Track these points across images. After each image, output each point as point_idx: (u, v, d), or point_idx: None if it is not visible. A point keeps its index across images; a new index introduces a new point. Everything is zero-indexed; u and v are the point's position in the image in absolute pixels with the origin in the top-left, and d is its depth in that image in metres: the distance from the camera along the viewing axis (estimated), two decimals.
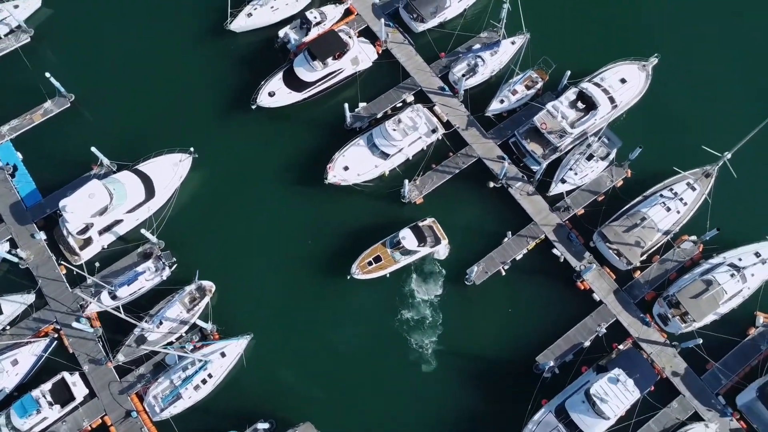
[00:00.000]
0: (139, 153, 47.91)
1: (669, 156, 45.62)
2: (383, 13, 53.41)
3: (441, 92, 50.57)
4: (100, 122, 50.14)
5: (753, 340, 43.18)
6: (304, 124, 50.12)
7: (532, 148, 47.37)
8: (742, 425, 41.14)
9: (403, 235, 43.53)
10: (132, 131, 49.56)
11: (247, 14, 52.49)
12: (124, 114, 50.29)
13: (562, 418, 39.62)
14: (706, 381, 42.24)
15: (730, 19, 51.91)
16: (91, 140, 47.33)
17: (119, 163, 47.68)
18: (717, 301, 42.21)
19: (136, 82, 51.38)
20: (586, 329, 43.44)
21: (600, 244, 45.14)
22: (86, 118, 50.85)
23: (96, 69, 51.86)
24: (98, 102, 50.74)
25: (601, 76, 48.92)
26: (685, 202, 45.35)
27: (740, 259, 43.88)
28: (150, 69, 51.77)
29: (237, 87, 51.06)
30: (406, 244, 43.24)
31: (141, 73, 51.68)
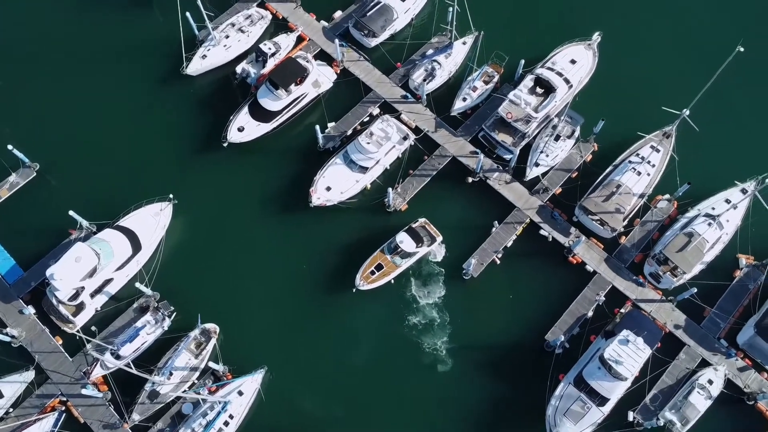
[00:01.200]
0: (117, 209, 47.33)
1: (631, 123, 47.99)
2: (334, 34, 54.63)
3: (404, 100, 51.93)
4: (71, 186, 49.34)
5: (740, 281, 45.51)
6: (278, 152, 50.59)
7: (501, 139, 49.06)
8: (747, 362, 43.14)
9: (401, 238, 44.35)
10: (105, 189, 48.99)
11: (202, 56, 52.88)
12: (94, 174, 49.67)
13: (582, 388, 40.79)
14: (706, 328, 44.18)
15: None
16: (63, 206, 46.54)
17: (98, 223, 46.98)
18: (701, 251, 44.39)
19: (101, 140, 50.93)
20: (587, 300, 44.93)
21: (582, 217, 46.94)
22: (55, 184, 49.96)
23: (57, 133, 51.19)
24: (65, 166, 50.00)
25: (552, 60, 51.21)
26: (653, 164, 47.70)
27: (713, 208, 46.32)
28: (113, 125, 51.44)
29: (205, 128, 51.23)
30: (404, 247, 44.04)
31: (104, 130, 51.28)
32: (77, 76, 53.28)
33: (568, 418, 40.41)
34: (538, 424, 41.36)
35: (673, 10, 54.78)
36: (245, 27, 53.88)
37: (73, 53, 54.06)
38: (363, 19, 53.29)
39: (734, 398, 42.34)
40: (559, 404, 41.06)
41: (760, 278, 45.39)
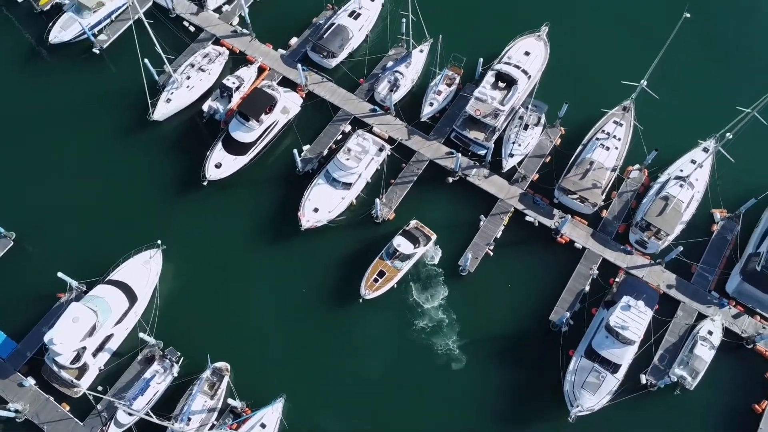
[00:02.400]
0: (106, 264, 46.66)
1: (594, 102, 50.42)
2: (294, 60, 55.56)
3: (373, 113, 53.11)
4: (52, 250, 48.29)
5: (719, 234, 48.00)
6: (259, 182, 50.89)
7: (473, 136, 50.67)
8: (739, 309, 45.38)
9: (398, 242, 45.15)
10: (89, 247, 48.20)
11: (166, 100, 52.95)
12: (76, 233, 48.83)
13: (593, 359, 42.11)
14: (696, 283, 46.34)
15: None
16: (47, 271, 45.71)
17: (87, 281, 46.18)
18: (679, 212, 46.70)
19: (77, 199, 50.17)
20: (582, 276, 46.56)
21: (563, 197, 48.78)
22: (35, 251, 48.85)
23: (30, 198, 50.20)
24: (44, 231, 48.99)
25: (507, 55, 53.36)
26: (619, 137, 50.05)
27: (682, 170, 48.84)
28: (86, 181, 50.79)
29: (181, 170, 51.14)
30: (402, 250, 44.85)
31: (78, 188, 50.55)
32: (42, 138, 52.56)
33: (586, 389, 41.60)
34: (558, 401, 42.39)
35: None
36: (205, 66, 54.26)
37: (35, 117, 53.39)
38: (320, 42, 54.42)
39: (734, 344, 44.40)
40: (575, 378, 42.24)
41: (735, 228, 47.96)
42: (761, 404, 42.62)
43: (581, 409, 41.34)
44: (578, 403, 41.48)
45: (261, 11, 57.55)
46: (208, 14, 58.21)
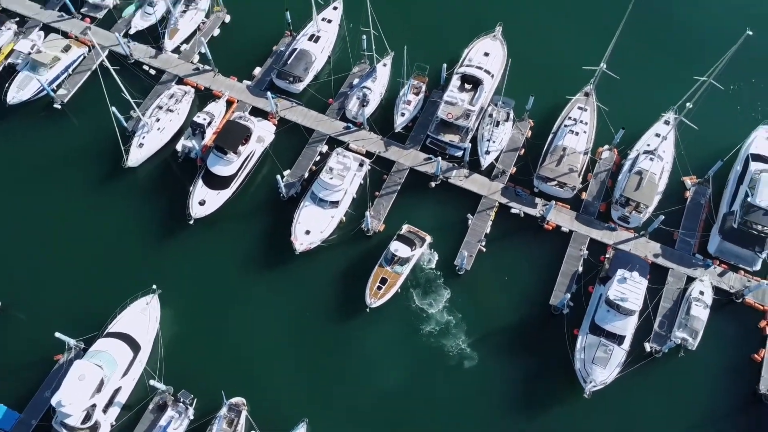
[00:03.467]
0: (101, 319, 45.76)
1: (558, 91, 52.56)
2: (260, 89, 56.09)
3: (347, 131, 54.00)
4: (43, 313, 46.88)
5: (693, 199, 50.52)
6: (246, 213, 50.94)
7: (449, 139, 52.08)
8: (724, 267, 47.70)
9: (395, 247, 45.86)
10: (81, 304, 47.12)
11: (139, 145, 52.61)
12: (65, 293, 47.66)
13: (599, 334, 43.53)
14: (680, 248, 48.53)
15: None
16: (39, 336, 44.69)
17: (85, 338, 45.19)
18: (654, 183, 48.97)
19: (61, 257, 49.12)
20: (573, 258, 48.17)
21: (542, 186, 50.52)
22: (24, 317, 47.53)
23: (11, 263, 48.89)
24: (30, 295, 47.66)
25: (468, 58, 55.18)
26: (585, 122, 52.24)
27: (649, 145, 51.26)
28: (69, 238, 49.80)
29: (165, 213, 50.73)
30: (401, 254, 45.60)
31: (61, 245, 49.50)
32: (16, 201, 51.41)
33: (597, 364, 42.91)
34: (571, 380, 43.55)
35: None
36: (172, 106, 54.21)
37: (4, 181, 52.14)
38: (285, 68, 55.14)
39: (725, 301, 46.62)
40: (584, 356, 43.53)
41: (707, 192, 50.56)
42: (760, 353, 44.74)
43: (595, 384, 42.58)
44: (591, 379, 42.71)
45: (220, 46, 57.97)
46: (167, 56, 58.26)
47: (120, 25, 59.99)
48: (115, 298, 46.13)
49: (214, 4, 60.79)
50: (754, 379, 44.00)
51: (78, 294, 47.24)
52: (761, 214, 45.76)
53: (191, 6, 59.45)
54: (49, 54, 56.00)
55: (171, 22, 58.91)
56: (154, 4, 59.54)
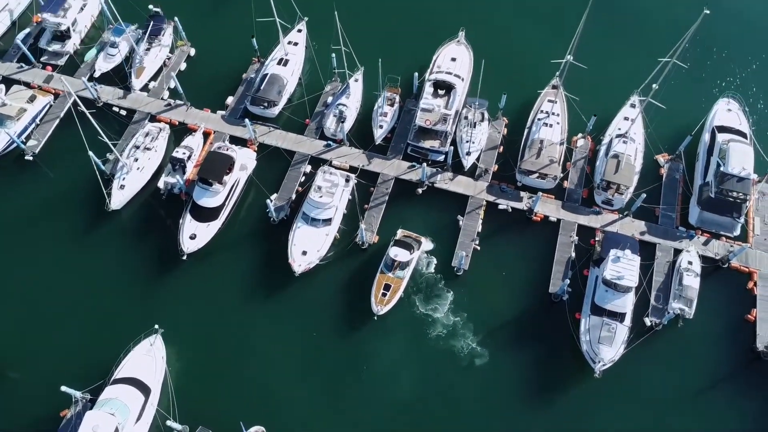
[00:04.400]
0: (106, 366, 44.73)
1: (528, 87, 54.32)
2: (236, 118, 56.23)
3: (328, 148, 54.53)
4: (42, 370, 45.41)
5: (668, 175, 52.77)
6: (238, 242, 50.76)
7: (429, 145, 53.15)
8: (706, 236, 49.82)
9: (394, 253, 46.42)
10: (82, 355, 45.94)
11: (120, 187, 51.97)
12: (63, 346, 46.34)
13: (600, 314, 44.81)
14: (663, 223, 50.54)
15: None
16: (40, 394, 43.55)
17: (91, 389, 44.14)
18: (631, 165, 50.96)
19: (55, 310, 47.77)
20: (565, 245, 49.61)
21: (525, 179, 51.98)
22: (21, 377, 46.04)
23: (4, 323, 47.44)
24: (28, 353, 46.29)
25: (436, 65, 56.57)
26: (557, 113, 54.07)
27: (620, 128, 53.36)
28: (61, 289, 48.58)
29: (157, 252, 50.11)
30: (400, 258, 46.21)
31: (54, 299, 48.17)
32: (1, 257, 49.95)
33: (603, 344, 44.14)
34: (581, 363, 44.65)
35: None
36: (149, 144, 53.79)
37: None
38: (259, 94, 55.45)
39: (713, 268, 48.70)
40: (589, 337, 44.74)
41: (680, 167, 52.89)
42: (752, 313, 46.82)
43: (604, 363, 43.79)
44: (599, 359, 43.89)
45: (189, 79, 57.85)
46: (136, 95, 57.89)
47: (83, 69, 59.39)
48: (117, 344, 45.22)
49: (177, 40, 60.70)
50: (750, 337, 45.99)
51: (78, 345, 46.19)
52: (735, 182, 48.08)
53: (155, 43, 59.27)
54: (15, 106, 54.97)
55: (136, 61, 58.59)
56: (116, 45, 59.21)
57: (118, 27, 59.32)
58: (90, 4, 62.09)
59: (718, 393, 44.23)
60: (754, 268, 48.50)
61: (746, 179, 47.93)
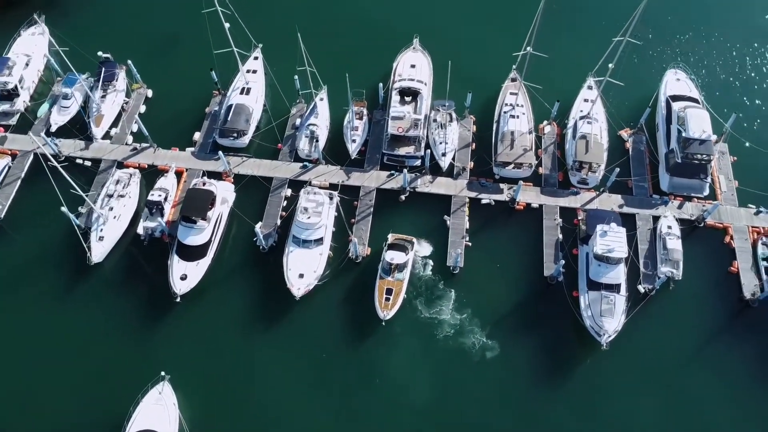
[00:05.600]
0: (117, 423, 43.12)
1: (491, 83, 55.90)
2: (206, 153, 55.62)
3: (305, 169, 54.60)
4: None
5: (634, 148, 55.27)
6: (231, 276, 50.07)
7: (405, 152, 54.01)
8: (679, 200, 52.34)
9: (390, 257, 46.90)
10: (89, 416, 44.08)
11: (99, 239, 50.50)
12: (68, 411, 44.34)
13: (597, 288, 46.30)
14: (637, 194, 52.86)
15: None
16: None
17: None
18: (599, 143, 53.14)
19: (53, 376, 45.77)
20: (551, 229, 51.19)
21: (503, 171, 53.45)
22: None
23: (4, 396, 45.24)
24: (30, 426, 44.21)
25: (398, 73, 57.64)
26: (521, 104, 55.90)
27: (582, 110, 55.60)
28: (54, 353, 46.69)
29: (149, 299, 48.84)
30: (397, 261, 46.74)
31: (49, 364, 46.20)
32: None
33: (605, 316, 45.61)
34: (587, 339, 45.99)
35: None
36: (122, 191, 52.56)
37: None
38: (226, 126, 55.08)
39: (690, 228, 51.13)
40: (591, 312, 46.17)
41: (643, 138, 55.48)
42: (734, 265, 49.39)
43: (608, 334, 45.23)
44: (604, 331, 45.30)
45: (151, 120, 56.83)
46: (98, 144, 56.58)
47: (38, 126, 57.58)
48: (125, 398, 43.77)
49: (132, 83, 59.69)
50: (737, 288, 48.46)
51: (85, 406, 44.45)
52: (698, 145, 50.81)
53: (110, 89, 58.14)
54: None
55: (93, 110, 57.29)
56: (69, 96, 57.73)
57: (70, 77, 57.81)
58: (35, 58, 60.42)
59: (718, 344, 46.39)
60: (728, 222, 51.20)
61: (708, 141, 50.71)
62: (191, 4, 54.97)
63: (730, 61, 61.37)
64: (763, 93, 59.25)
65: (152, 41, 62.78)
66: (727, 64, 61.12)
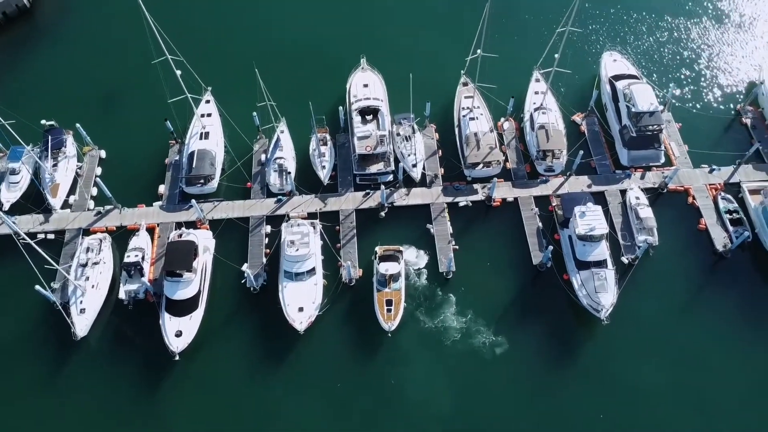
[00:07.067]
0: None
1: (448, 90, 57.48)
2: (174, 204, 54.34)
3: (280, 203, 54.21)
4: None
5: (589, 131, 58.10)
6: (228, 323, 48.92)
7: (376, 169, 54.59)
8: (640, 171, 55.29)
9: (383, 268, 47.35)
10: None
11: (80, 312, 48.25)
12: None
13: (586, 266, 48.12)
14: (602, 172, 55.50)
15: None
16: None
17: None
18: (559, 130, 55.56)
19: None
20: (530, 219, 52.94)
21: (474, 172, 54.96)
22: None
23: None
24: None
25: (353, 94, 58.33)
26: (478, 106, 57.74)
27: (535, 102, 58.00)
28: None
29: (147, 364, 46.92)
30: (391, 271, 47.17)
31: None
32: None
33: (599, 292, 47.42)
34: (586, 317, 47.66)
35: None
36: (94, 258, 50.48)
37: None
38: (192, 174, 54.05)
39: (656, 195, 54.09)
40: (585, 291, 47.92)
41: (595, 120, 58.44)
42: (701, 222, 52.56)
43: (606, 309, 47.04)
44: (601, 306, 47.08)
45: (110, 180, 54.68)
46: (59, 214, 54.26)
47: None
48: None
49: (82, 146, 57.68)
50: (709, 243, 51.55)
51: None
52: (648, 117, 53.98)
53: (60, 156, 55.95)
54: None
55: (47, 180, 54.90)
56: (16, 171, 55.11)
57: (15, 150, 55.22)
58: None
59: (704, 296, 49.15)
60: (688, 184, 54.53)
61: (656, 112, 53.98)
62: (136, 57, 53.77)
63: (660, 37, 65.67)
64: (691, 61, 63.70)
65: (98, 101, 61.05)
66: (658, 41, 65.37)
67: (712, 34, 65.80)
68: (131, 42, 58.14)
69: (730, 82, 61.80)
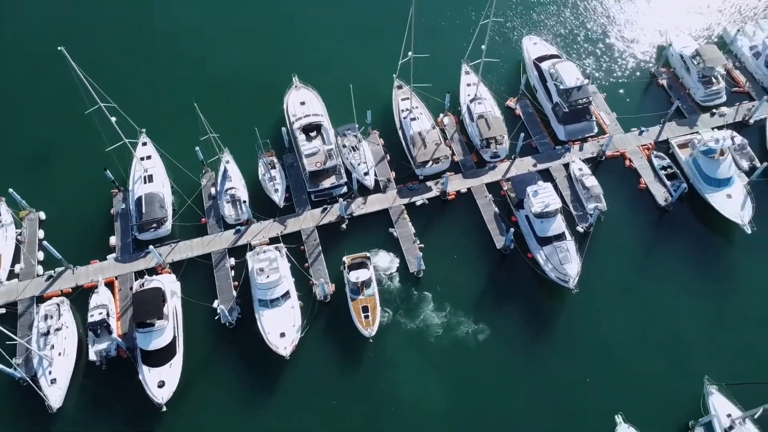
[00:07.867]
0: None
1: (384, 95, 58.48)
2: (129, 254, 52.70)
3: (239, 233, 53.61)
4: None
5: (524, 113, 60.63)
6: (209, 364, 47.91)
7: (329, 184, 54.88)
8: (578, 143, 58.32)
9: (354, 276, 47.98)
10: None
11: (50, 383, 46.05)
12: None
13: (548, 242, 50.25)
14: (543, 150, 58.12)
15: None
16: None
17: None
18: (497, 117, 57.73)
19: None
20: (486, 206, 54.72)
21: (424, 171, 56.22)
22: None
23: None
24: None
25: (292, 114, 58.39)
26: (416, 106, 59.10)
27: (469, 95, 59.94)
28: None
29: (133, 422, 45.37)
30: (363, 278, 47.90)
31: None
32: None
33: (564, 263, 49.56)
34: (556, 290, 49.81)
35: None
36: (55, 324, 48.29)
37: None
38: (143, 219, 52.57)
39: (595, 165, 57.08)
40: (551, 265, 50.01)
41: (527, 102, 61.05)
42: (641, 182, 55.96)
43: (573, 278, 49.29)
44: (569, 277, 49.29)
45: (56, 241, 52.32)
46: (6, 287, 51.49)
47: None
48: None
49: (18, 211, 54.90)
50: (651, 199, 54.98)
51: None
52: (576, 91, 56.94)
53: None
54: None
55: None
56: None
57: None
58: None
59: (657, 249, 52.56)
60: (622, 149, 57.88)
61: (584, 86, 56.99)
62: (64, 111, 51.68)
63: (571, 17, 69.34)
64: (604, 35, 67.65)
65: (29, 160, 58.42)
66: (570, 21, 68.99)
67: (617, 8, 70.12)
68: (62, 94, 55.99)
69: (641, 49, 66.08)
